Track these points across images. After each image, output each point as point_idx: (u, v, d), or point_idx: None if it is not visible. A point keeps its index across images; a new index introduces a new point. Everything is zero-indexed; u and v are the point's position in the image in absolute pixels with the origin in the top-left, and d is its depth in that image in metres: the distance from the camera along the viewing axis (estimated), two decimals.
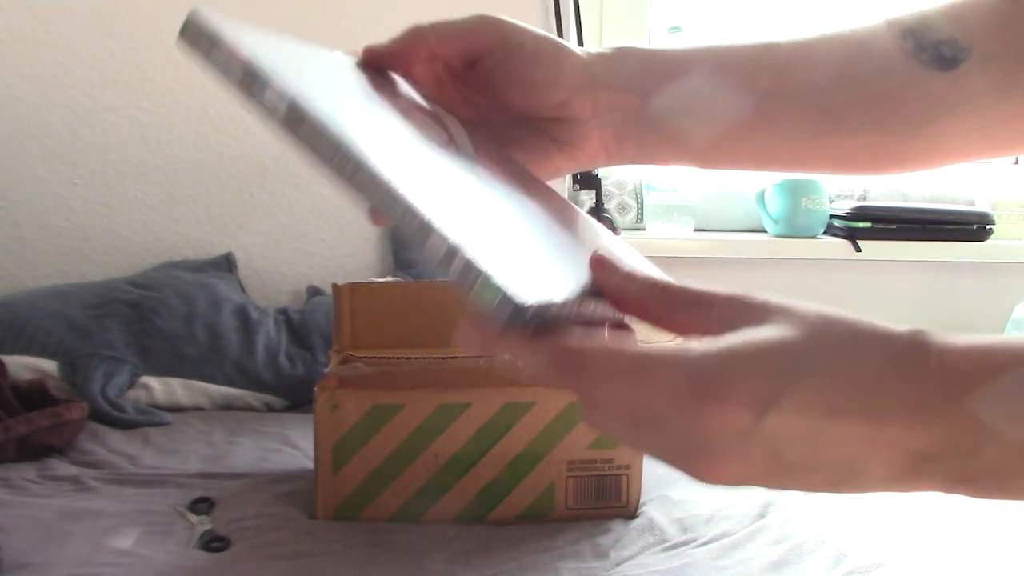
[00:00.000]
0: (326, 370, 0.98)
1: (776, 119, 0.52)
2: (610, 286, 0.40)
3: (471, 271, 0.33)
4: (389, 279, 1.55)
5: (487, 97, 0.53)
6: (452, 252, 0.33)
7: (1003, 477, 0.35)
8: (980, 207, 1.81)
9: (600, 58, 0.51)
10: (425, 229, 0.34)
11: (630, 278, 0.39)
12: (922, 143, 0.53)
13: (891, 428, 0.34)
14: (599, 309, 0.40)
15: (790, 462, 0.35)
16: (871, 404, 0.34)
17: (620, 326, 0.41)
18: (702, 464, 0.34)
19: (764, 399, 0.33)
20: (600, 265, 0.40)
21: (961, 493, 0.37)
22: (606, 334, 0.38)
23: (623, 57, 0.51)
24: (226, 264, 1.63)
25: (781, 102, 0.52)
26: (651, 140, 0.53)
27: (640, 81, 0.51)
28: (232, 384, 1.39)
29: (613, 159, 0.54)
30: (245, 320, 1.44)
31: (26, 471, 1.07)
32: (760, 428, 0.33)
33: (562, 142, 0.53)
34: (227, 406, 1.40)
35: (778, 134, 0.53)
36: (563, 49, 0.50)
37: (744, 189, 1.80)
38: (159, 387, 1.37)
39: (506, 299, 0.33)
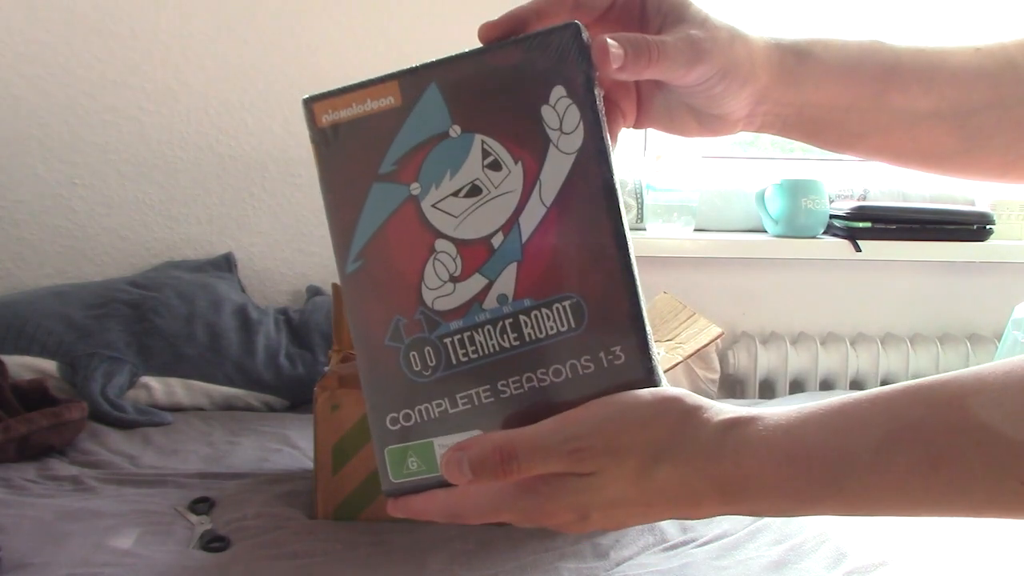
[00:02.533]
0: (326, 368, 0.98)
1: (921, 135, 0.53)
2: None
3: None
4: None
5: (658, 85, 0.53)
6: None
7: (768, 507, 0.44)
8: (980, 207, 1.81)
9: (779, 74, 0.50)
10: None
11: (463, 464, 0.46)
12: None
13: (709, 507, 0.44)
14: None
15: (635, 524, 0.47)
16: (682, 496, 0.44)
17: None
18: (569, 529, 0.46)
19: (580, 510, 0.44)
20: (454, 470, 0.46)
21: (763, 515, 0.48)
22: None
23: (800, 74, 0.51)
24: (226, 264, 1.63)
25: (931, 122, 0.53)
26: (792, 133, 0.54)
27: (805, 99, 0.51)
28: (232, 384, 1.39)
29: (739, 131, 0.56)
30: (245, 320, 1.44)
31: (26, 471, 1.08)
32: (589, 522, 0.45)
33: (708, 124, 0.53)
34: (227, 406, 1.40)
35: (920, 147, 0.54)
36: (753, 72, 0.49)
37: (744, 189, 1.80)
38: (159, 387, 1.37)
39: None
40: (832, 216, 1.75)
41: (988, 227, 1.76)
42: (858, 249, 1.71)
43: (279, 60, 1.65)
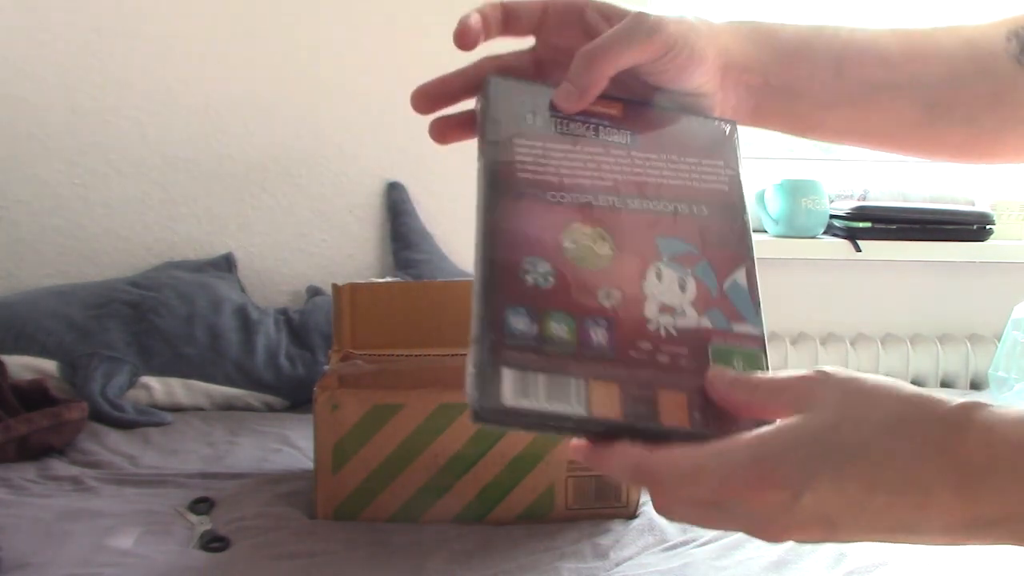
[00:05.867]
0: (326, 368, 0.98)
1: (882, 107, 0.55)
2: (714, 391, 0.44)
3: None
4: (389, 279, 1.55)
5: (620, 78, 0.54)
6: None
7: None
8: (980, 207, 1.81)
9: (739, 41, 0.52)
10: None
11: (724, 381, 0.44)
12: (1014, 141, 0.56)
13: (940, 502, 0.37)
14: None
15: (845, 527, 0.39)
16: (911, 477, 0.37)
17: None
18: (765, 534, 0.40)
19: (795, 483, 0.38)
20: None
21: None
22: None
23: (759, 40, 0.53)
24: (226, 264, 1.63)
25: (891, 93, 0.54)
26: (765, 112, 0.55)
27: (768, 64, 0.53)
28: (232, 384, 1.39)
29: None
30: (245, 320, 1.44)
31: (26, 471, 1.07)
32: (800, 506, 0.38)
33: (687, 107, 0.54)
34: (227, 406, 1.40)
35: (882, 120, 0.56)
36: (712, 41, 0.51)
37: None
38: (159, 387, 1.37)
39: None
40: (832, 216, 1.75)
41: (988, 227, 1.76)
42: (858, 249, 1.71)
43: (279, 60, 1.65)
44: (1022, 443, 0.36)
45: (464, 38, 0.50)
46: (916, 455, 0.37)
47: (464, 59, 0.53)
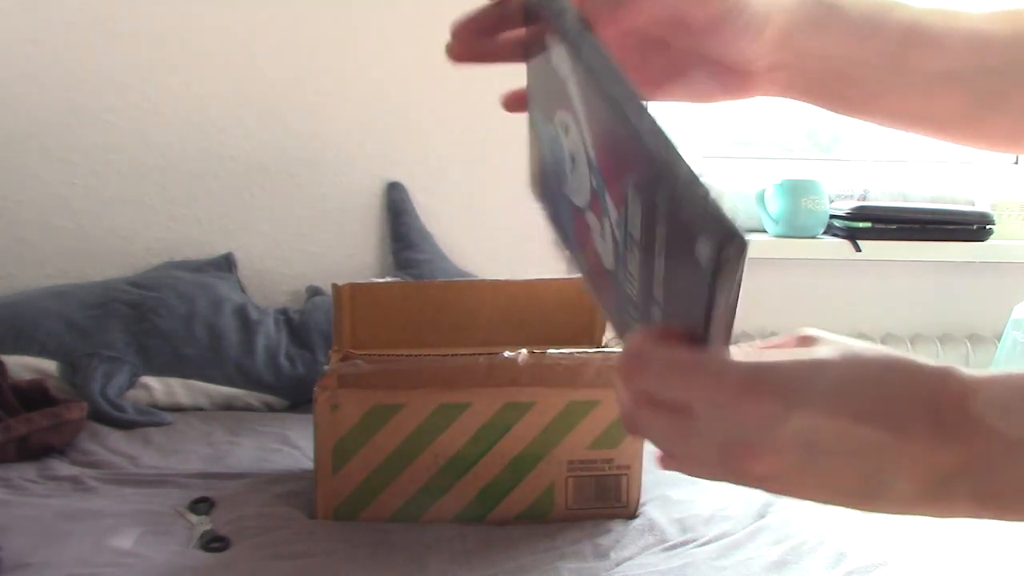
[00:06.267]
0: (326, 368, 0.98)
1: (937, 95, 0.54)
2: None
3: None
4: (389, 279, 1.55)
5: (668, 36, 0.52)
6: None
7: None
8: (980, 207, 1.81)
9: (804, 21, 0.51)
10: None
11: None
12: None
13: (914, 443, 0.38)
14: None
15: (820, 463, 0.38)
16: (895, 416, 0.38)
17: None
18: (740, 455, 0.38)
19: (794, 395, 0.37)
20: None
21: (988, 516, 0.39)
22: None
23: (825, 23, 0.51)
24: (226, 264, 1.63)
25: (946, 81, 0.53)
26: (815, 92, 0.54)
27: (829, 47, 0.52)
28: (232, 384, 1.39)
29: (761, 95, 0.56)
30: (245, 320, 1.44)
31: (26, 471, 1.07)
32: (790, 420, 0.37)
33: (728, 82, 0.53)
34: (227, 406, 1.40)
35: (935, 108, 0.55)
36: (770, 14, 0.49)
37: (744, 189, 1.80)
38: (159, 387, 1.37)
39: None
40: (832, 216, 1.75)
41: (988, 227, 1.76)
42: (858, 249, 1.71)
43: (279, 60, 1.65)
44: (991, 400, 0.38)
45: None
46: (902, 395, 0.38)
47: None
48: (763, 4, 0.49)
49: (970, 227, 1.75)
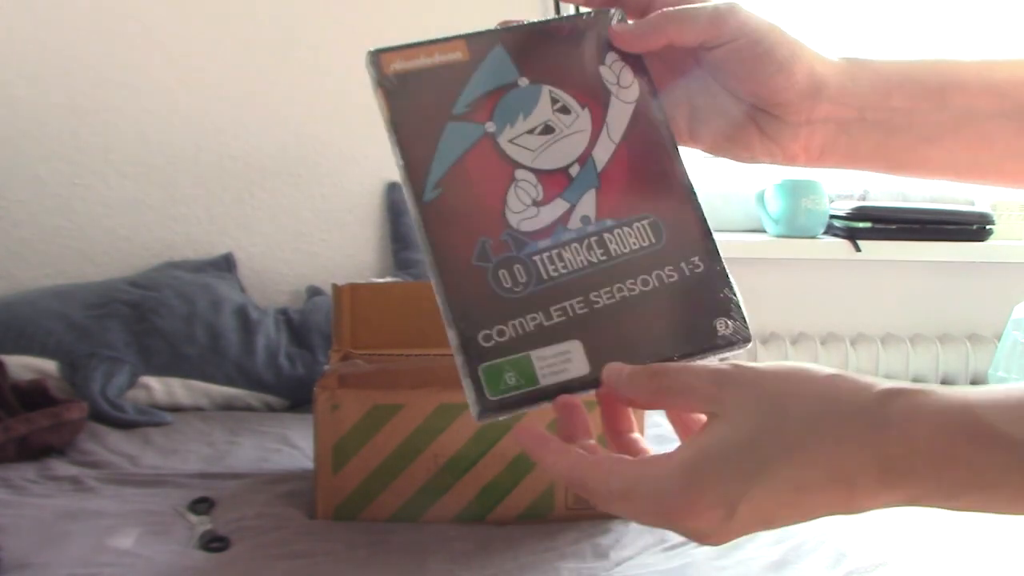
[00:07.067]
0: (326, 368, 0.98)
1: (991, 137, 0.52)
2: (608, 388, 0.45)
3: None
4: (389, 279, 1.55)
5: (712, 76, 0.52)
6: None
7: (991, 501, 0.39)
8: (980, 207, 1.81)
9: (833, 71, 0.50)
10: None
11: (622, 376, 0.44)
12: None
13: (865, 486, 0.38)
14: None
15: (783, 521, 0.40)
16: (836, 473, 0.38)
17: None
18: (707, 543, 0.41)
19: (728, 500, 0.38)
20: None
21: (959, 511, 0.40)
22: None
23: (855, 72, 0.51)
24: (226, 264, 1.63)
25: (999, 122, 0.52)
26: (859, 152, 0.53)
27: (864, 95, 0.51)
28: (232, 384, 1.39)
29: (811, 163, 0.56)
30: (245, 320, 1.44)
31: (26, 471, 1.07)
32: (736, 518, 0.39)
33: (767, 136, 0.53)
34: (227, 406, 1.40)
35: (989, 151, 0.53)
36: (799, 52, 0.49)
37: (744, 189, 1.80)
38: (159, 387, 1.37)
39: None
40: (832, 216, 1.75)
41: (988, 227, 1.76)
42: (858, 249, 1.71)
43: (279, 60, 1.65)
44: (937, 431, 0.38)
45: None
46: (838, 452, 0.38)
47: None
48: (792, 48, 0.49)
49: (970, 227, 1.76)
